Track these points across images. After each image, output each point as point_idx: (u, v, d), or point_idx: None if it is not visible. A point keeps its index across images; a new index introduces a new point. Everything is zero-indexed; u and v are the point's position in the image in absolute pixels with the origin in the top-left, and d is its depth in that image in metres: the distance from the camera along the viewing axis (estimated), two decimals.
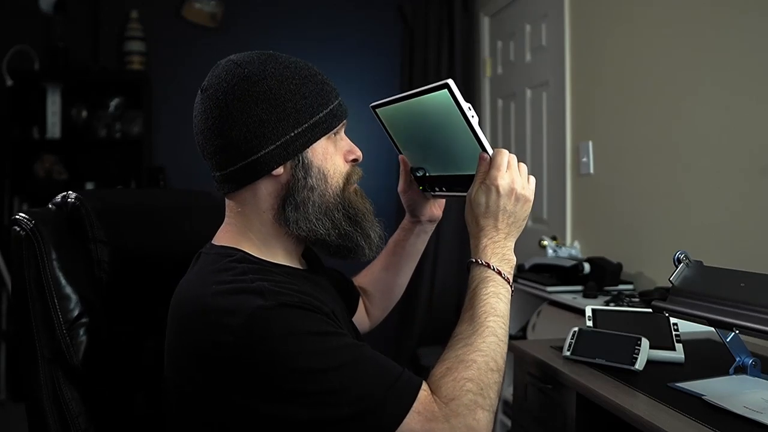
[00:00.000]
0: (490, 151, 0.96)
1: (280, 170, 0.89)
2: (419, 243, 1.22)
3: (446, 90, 0.92)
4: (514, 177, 0.95)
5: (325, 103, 0.91)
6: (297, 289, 0.83)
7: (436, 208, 1.18)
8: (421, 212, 1.17)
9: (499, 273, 0.93)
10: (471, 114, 0.94)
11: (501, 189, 0.94)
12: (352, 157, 0.96)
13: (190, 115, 0.93)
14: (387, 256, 1.24)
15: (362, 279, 1.28)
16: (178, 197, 1.30)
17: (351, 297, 1.22)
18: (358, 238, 0.95)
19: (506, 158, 0.95)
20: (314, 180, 0.91)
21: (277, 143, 0.88)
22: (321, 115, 0.90)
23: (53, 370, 0.92)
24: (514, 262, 0.96)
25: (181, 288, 0.89)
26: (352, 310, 1.21)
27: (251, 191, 0.91)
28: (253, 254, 0.91)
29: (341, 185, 0.94)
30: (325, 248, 0.97)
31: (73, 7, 3.51)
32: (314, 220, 0.91)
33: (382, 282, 1.26)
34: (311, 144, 0.90)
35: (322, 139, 0.91)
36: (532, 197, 0.97)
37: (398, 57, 3.90)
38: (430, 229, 1.21)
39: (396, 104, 1.04)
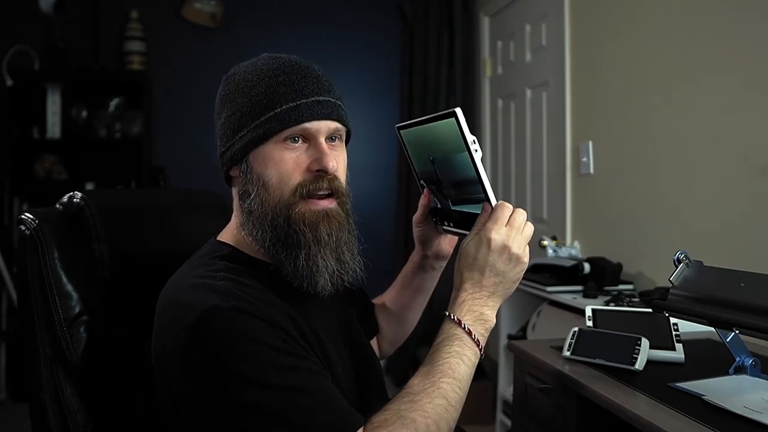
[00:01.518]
0: (490, 193, 0.89)
1: (236, 172, 0.90)
2: (428, 279, 1.14)
3: (453, 118, 0.86)
4: (511, 234, 0.86)
5: (270, 106, 0.84)
6: (261, 298, 0.81)
7: (446, 244, 1.10)
8: (429, 246, 1.09)
9: (469, 333, 0.85)
10: (475, 148, 0.87)
11: (493, 243, 0.86)
12: (315, 167, 0.86)
13: (190, 115, 0.95)
14: (396, 288, 1.18)
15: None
16: (178, 197, 1.31)
17: (368, 319, 1.17)
18: (284, 261, 0.85)
19: (508, 213, 0.87)
20: (252, 186, 0.86)
21: (227, 145, 0.89)
22: (262, 119, 0.85)
23: (54, 366, 0.94)
24: (492, 325, 0.88)
25: (169, 279, 0.89)
26: (369, 333, 1.15)
27: (233, 189, 0.94)
28: (243, 250, 0.90)
29: (286, 197, 0.85)
30: None
31: (73, 7, 3.50)
32: (251, 227, 0.87)
33: (391, 314, 1.19)
34: (251, 149, 0.86)
35: (268, 143, 0.85)
36: (527, 260, 0.88)
37: (398, 57, 3.90)
38: (439, 266, 1.13)
39: (415, 128, 0.98)
